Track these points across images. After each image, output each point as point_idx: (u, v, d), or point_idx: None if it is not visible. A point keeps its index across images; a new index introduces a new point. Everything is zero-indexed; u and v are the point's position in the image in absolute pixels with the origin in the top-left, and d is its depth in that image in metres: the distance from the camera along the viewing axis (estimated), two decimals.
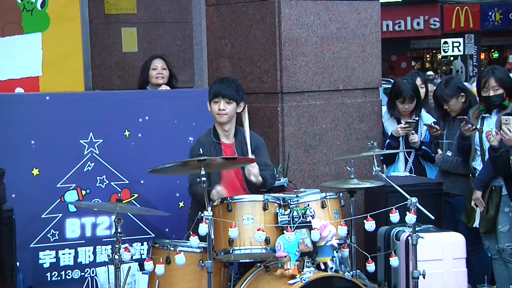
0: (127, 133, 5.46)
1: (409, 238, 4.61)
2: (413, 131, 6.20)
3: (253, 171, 4.80)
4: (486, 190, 5.50)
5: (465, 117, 5.64)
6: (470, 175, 5.69)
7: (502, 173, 5.40)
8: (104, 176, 5.39)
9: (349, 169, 4.91)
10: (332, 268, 4.45)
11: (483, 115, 5.60)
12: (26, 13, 6.35)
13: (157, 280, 4.44)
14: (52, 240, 5.27)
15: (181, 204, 5.56)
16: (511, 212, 5.48)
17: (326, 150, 6.12)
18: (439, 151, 6.08)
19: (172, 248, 4.42)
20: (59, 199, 5.29)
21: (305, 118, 6.03)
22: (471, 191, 5.59)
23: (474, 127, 5.53)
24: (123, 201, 4.99)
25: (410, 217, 4.40)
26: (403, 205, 4.43)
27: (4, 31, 6.31)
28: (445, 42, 25.94)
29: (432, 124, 6.20)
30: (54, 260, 5.29)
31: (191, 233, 4.21)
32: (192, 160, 4.37)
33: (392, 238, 5.14)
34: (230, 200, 4.38)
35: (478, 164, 5.61)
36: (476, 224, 5.58)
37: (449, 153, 5.99)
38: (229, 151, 4.96)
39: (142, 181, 5.46)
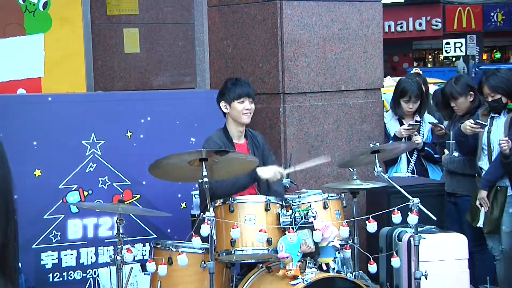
0: (129, 134, 5.46)
1: (411, 238, 4.61)
2: (416, 132, 6.20)
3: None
4: (491, 190, 5.51)
5: (485, 123, 5.57)
6: (476, 174, 5.69)
7: None
8: (106, 177, 5.39)
9: (351, 170, 4.90)
10: (334, 269, 4.45)
11: (492, 115, 5.61)
12: (28, 14, 6.36)
13: (159, 281, 4.44)
14: (54, 241, 5.27)
15: (183, 205, 5.57)
16: None
17: (328, 151, 6.12)
18: (446, 152, 6.08)
19: (174, 249, 4.42)
20: (61, 200, 5.29)
21: (307, 119, 6.02)
22: (476, 191, 5.60)
23: (481, 130, 5.55)
24: (125, 202, 5.00)
25: (412, 218, 4.39)
26: (405, 206, 4.43)
27: (6, 32, 6.32)
28: (447, 43, 25.92)
29: (437, 123, 6.21)
30: (56, 261, 5.29)
31: (193, 233, 4.21)
32: (211, 151, 4.38)
33: (394, 239, 5.14)
34: (232, 201, 4.38)
35: (484, 164, 5.61)
36: (480, 224, 5.59)
37: (455, 154, 5.98)
38: (243, 151, 4.94)
39: (144, 182, 5.46)
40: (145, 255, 5.38)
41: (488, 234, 5.62)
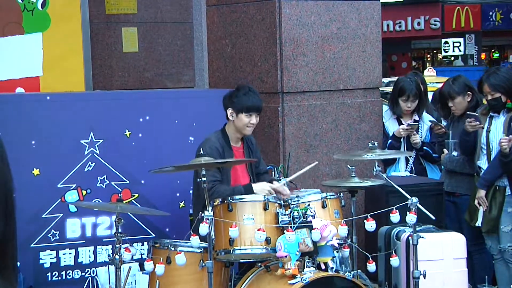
0: (127, 133, 5.46)
1: (410, 238, 4.61)
2: (414, 132, 6.21)
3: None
4: (490, 190, 5.51)
5: (475, 114, 5.63)
6: (475, 174, 5.70)
7: None
8: (105, 176, 5.39)
9: (350, 167, 4.90)
10: (332, 268, 4.45)
11: (492, 114, 5.61)
12: (26, 13, 6.36)
13: (157, 280, 4.44)
14: (52, 240, 5.27)
15: (182, 204, 5.57)
16: None
17: (326, 150, 6.12)
18: (445, 151, 6.09)
19: (173, 248, 4.42)
20: (60, 199, 5.29)
21: (306, 118, 6.03)
22: (475, 190, 5.61)
23: (481, 126, 5.56)
24: (124, 201, 5.00)
25: (411, 217, 4.40)
26: (403, 205, 4.44)
27: (5, 31, 6.32)
28: (446, 42, 25.92)
29: (437, 122, 6.22)
30: (55, 260, 5.29)
31: (191, 233, 4.21)
32: (213, 163, 4.41)
33: (392, 238, 5.14)
34: (231, 200, 4.38)
35: (483, 163, 5.61)
36: (478, 223, 5.59)
37: (455, 153, 5.98)
38: (239, 155, 4.98)
39: (142, 181, 5.46)
40: (143, 254, 5.38)
41: (487, 234, 5.63)
